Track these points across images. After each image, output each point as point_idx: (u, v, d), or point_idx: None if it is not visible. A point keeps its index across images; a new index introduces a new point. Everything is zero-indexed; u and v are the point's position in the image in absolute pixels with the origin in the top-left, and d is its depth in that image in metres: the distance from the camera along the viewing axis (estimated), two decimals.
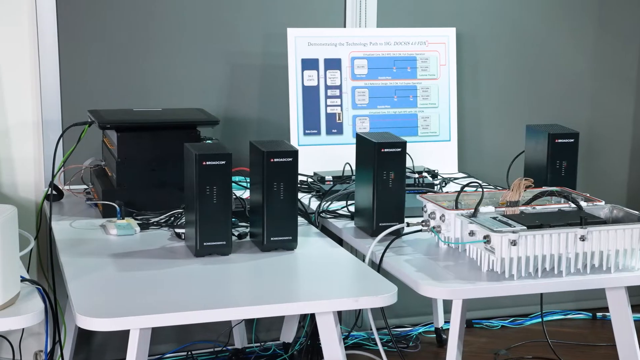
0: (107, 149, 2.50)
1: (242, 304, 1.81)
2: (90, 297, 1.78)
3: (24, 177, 2.73)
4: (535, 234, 1.91)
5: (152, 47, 2.80)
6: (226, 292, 1.89)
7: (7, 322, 1.66)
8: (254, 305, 1.80)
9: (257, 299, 1.84)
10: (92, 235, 2.21)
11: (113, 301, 1.78)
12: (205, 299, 1.81)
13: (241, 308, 1.80)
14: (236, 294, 1.91)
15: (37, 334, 2.76)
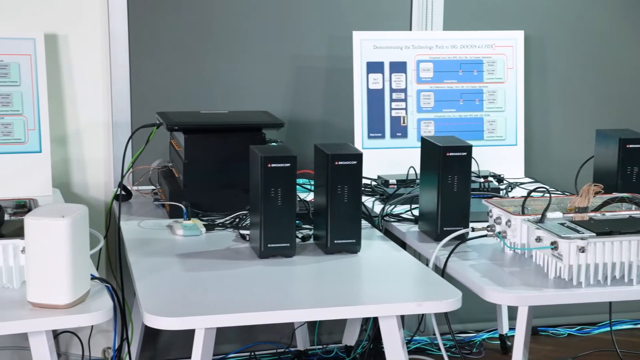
0: (175, 151, 2.54)
1: (305, 306, 1.82)
2: (157, 296, 1.81)
3: (95, 178, 2.80)
4: (604, 241, 1.87)
5: (220, 49, 2.83)
6: (289, 294, 1.90)
7: (77, 319, 1.70)
8: (317, 308, 1.81)
9: (320, 301, 1.85)
10: (159, 235, 2.25)
11: (179, 301, 1.80)
12: (269, 300, 1.82)
13: (304, 310, 1.81)
14: (299, 296, 1.91)
15: (105, 331, 2.82)
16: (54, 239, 1.67)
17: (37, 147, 2.54)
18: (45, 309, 1.69)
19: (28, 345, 1.75)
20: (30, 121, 2.53)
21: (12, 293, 1.79)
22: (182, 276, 1.95)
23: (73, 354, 2.81)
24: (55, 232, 1.67)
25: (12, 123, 2.52)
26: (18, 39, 2.51)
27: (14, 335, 2.60)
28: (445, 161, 2.13)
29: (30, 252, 1.69)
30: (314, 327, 2.96)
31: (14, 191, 2.46)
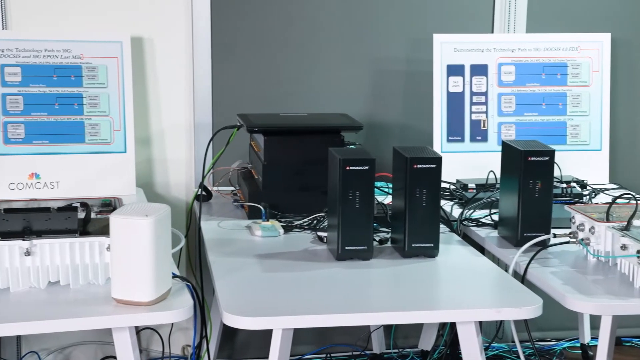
0: (254, 152, 2.57)
1: (382, 310, 1.81)
2: (236, 296, 1.84)
3: (176, 178, 2.85)
4: None
5: (300, 52, 2.85)
6: (366, 296, 1.90)
7: (159, 317, 1.74)
8: (394, 312, 1.80)
9: (397, 305, 1.84)
10: (238, 236, 2.27)
11: (257, 301, 1.82)
12: (346, 302, 1.83)
13: (381, 313, 1.81)
14: (376, 299, 1.91)
15: (185, 328, 2.87)
16: (137, 237, 1.71)
17: (122, 148, 2.61)
18: (128, 306, 1.73)
19: (111, 340, 1.80)
20: (116, 122, 2.60)
21: (97, 289, 1.84)
22: (261, 276, 1.97)
23: (154, 350, 2.87)
24: (139, 230, 1.71)
25: (99, 124, 2.59)
26: (106, 42, 2.59)
27: (98, 330, 2.67)
28: (527, 166, 2.09)
29: (115, 250, 1.74)
30: (390, 330, 2.95)
31: (100, 190, 2.53)
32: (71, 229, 1.84)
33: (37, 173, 2.52)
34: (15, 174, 2.50)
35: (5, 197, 2.32)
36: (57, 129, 2.55)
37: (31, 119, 2.53)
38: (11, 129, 2.52)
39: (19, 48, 2.51)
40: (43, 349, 2.81)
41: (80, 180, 2.55)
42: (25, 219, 1.82)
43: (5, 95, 2.51)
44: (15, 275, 1.81)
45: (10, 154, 2.51)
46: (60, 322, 1.72)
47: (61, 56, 2.55)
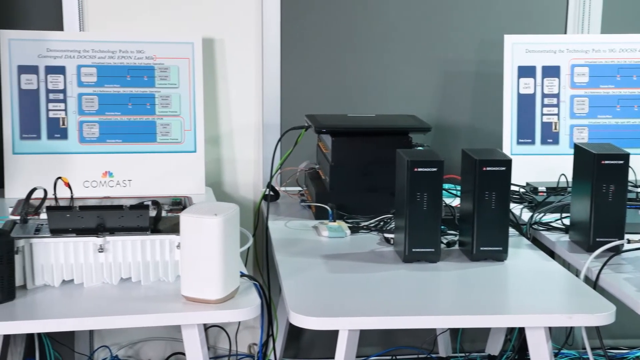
0: (322, 153, 2.58)
1: (449, 313, 1.80)
2: (302, 296, 1.85)
3: (244, 178, 2.88)
4: None
5: (368, 53, 2.85)
6: (433, 299, 1.89)
7: (227, 315, 1.76)
8: (461, 315, 1.79)
9: (464, 308, 1.82)
10: (304, 236, 2.28)
11: (324, 301, 1.83)
12: (412, 305, 1.82)
13: (447, 317, 1.79)
14: (443, 302, 1.90)
15: (251, 327, 2.90)
16: (207, 235, 1.74)
17: (192, 147, 2.65)
18: (197, 303, 1.76)
19: (180, 337, 1.83)
20: (186, 122, 2.65)
21: (167, 286, 1.87)
22: (327, 277, 1.97)
23: (221, 348, 2.91)
24: (208, 229, 1.73)
25: (170, 123, 2.64)
26: (178, 43, 2.63)
27: (167, 327, 2.72)
28: (600, 169, 2.05)
29: (185, 248, 1.77)
30: (457, 334, 2.92)
31: (170, 189, 2.58)
32: (143, 227, 1.88)
33: (110, 171, 2.58)
34: (89, 172, 2.57)
35: (79, 195, 2.38)
36: (130, 129, 2.61)
37: (105, 119, 2.59)
38: (86, 128, 2.58)
39: (94, 49, 2.57)
40: (114, 344, 2.88)
41: (152, 179, 2.60)
42: (99, 217, 1.86)
43: (81, 95, 2.58)
44: (89, 271, 1.86)
45: (85, 152, 2.58)
46: (131, 317, 1.75)
47: (135, 57, 2.60)
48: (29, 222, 1.97)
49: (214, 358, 2.90)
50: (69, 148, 2.57)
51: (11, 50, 2.51)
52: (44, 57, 2.54)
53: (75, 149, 2.57)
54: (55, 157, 2.55)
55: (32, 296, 1.80)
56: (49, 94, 2.55)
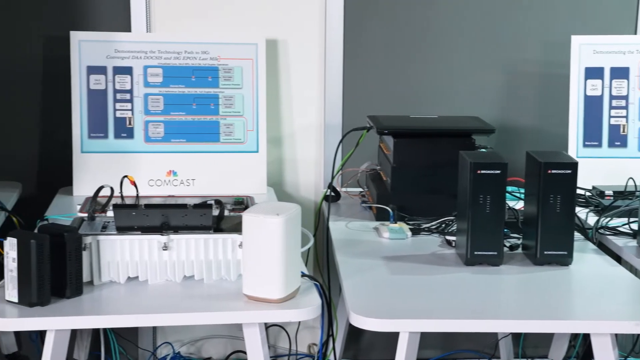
0: (383, 154, 2.57)
1: (511, 317, 1.77)
2: (363, 297, 1.84)
3: (306, 178, 2.89)
4: None
5: (432, 54, 2.83)
6: (495, 303, 1.87)
7: (288, 314, 1.77)
8: (524, 320, 1.76)
9: (527, 313, 1.79)
10: (365, 237, 2.28)
11: (384, 302, 1.82)
12: (474, 308, 1.80)
13: (510, 321, 1.77)
14: (505, 306, 1.87)
15: (311, 327, 2.91)
16: (269, 235, 1.75)
17: (255, 147, 2.68)
18: (259, 302, 1.78)
19: (241, 335, 1.85)
20: (249, 122, 2.67)
21: (229, 285, 1.89)
22: (388, 278, 1.97)
23: (280, 347, 2.93)
24: (270, 229, 1.75)
25: (233, 124, 2.66)
26: (242, 44, 2.66)
27: (229, 325, 2.75)
28: None
29: (247, 247, 1.78)
30: (519, 339, 2.88)
31: (233, 188, 2.60)
32: (206, 226, 1.90)
33: (174, 170, 2.62)
34: (154, 171, 2.61)
35: (144, 193, 2.42)
36: (194, 128, 2.64)
37: (170, 118, 2.64)
38: (152, 128, 2.63)
39: (161, 50, 2.62)
40: (177, 340, 2.92)
41: (215, 178, 2.63)
42: (164, 215, 1.89)
43: (147, 95, 2.62)
44: (154, 268, 1.89)
45: (151, 151, 2.62)
46: (193, 315, 1.78)
47: (199, 58, 2.64)
48: (96, 219, 2.01)
49: (274, 357, 2.92)
50: (134, 147, 2.61)
51: (81, 51, 2.57)
52: (112, 57, 2.60)
53: (141, 148, 2.62)
54: (121, 156, 2.60)
55: (99, 292, 1.84)
56: (117, 94, 2.61)
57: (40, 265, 1.72)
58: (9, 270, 1.74)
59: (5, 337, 2.70)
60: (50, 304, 1.75)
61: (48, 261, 1.74)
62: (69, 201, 2.50)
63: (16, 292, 1.73)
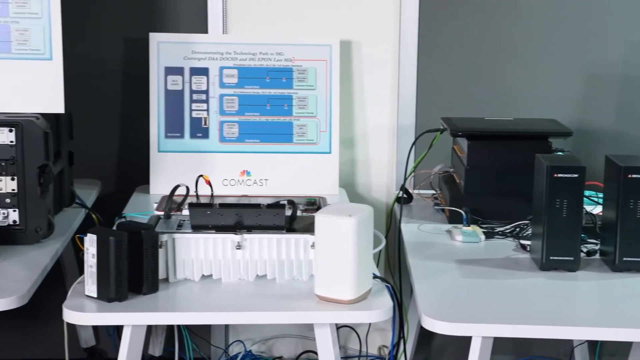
0: (457, 156, 2.55)
1: (587, 324, 1.73)
2: (435, 300, 1.83)
3: (378, 179, 2.89)
4: None
5: (507, 55, 2.79)
6: (571, 309, 1.83)
7: (359, 315, 1.78)
8: (601, 327, 1.72)
9: (605, 320, 1.75)
10: (438, 240, 2.26)
11: (457, 306, 1.81)
12: (548, 314, 1.77)
13: (586, 328, 1.73)
14: (581, 312, 1.83)
15: (381, 329, 2.90)
16: (341, 236, 1.75)
17: (327, 148, 2.68)
18: (330, 303, 1.78)
19: (312, 335, 1.86)
20: (322, 123, 2.68)
21: (301, 285, 1.90)
22: (460, 282, 1.95)
23: (351, 348, 2.93)
24: (343, 229, 1.75)
25: (306, 124, 2.68)
26: (316, 45, 2.67)
27: (299, 325, 2.77)
28: None
29: (319, 248, 1.79)
30: (595, 346, 2.81)
31: (305, 189, 2.62)
32: (279, 226, 1.92)
33: (248, 170, 2.65)
34: (228, 170, 2.65)
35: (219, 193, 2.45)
36: (268, 129, 2.67)
37: (245, 119, 2.67)
38: (226, 128, 2.67)
39: (236, 51, 2.65)
40: (248, 339, 2.95)
41: (287, 179, 2.65)
42: (238, 214, 1.92)
43: (223, 96, 2.66)
44: (227, 267, 1.91)
45: (225, 151, 2.66)
46: (265, 314, 1.80)
47: (274, 59, 2.66)
48: (172, 217, 2.05)
49: (344, 358, 2.92)
50: (209, 147, 2.66)
51: (159, 52, 2.63)
52: (189, 58, 2.64)
53: (216, 148, 2.66)
54: (196, 156, 2.65)
55: (174, 289, 1.87)
56: (193, 95, 2.65)
57: (118, 262, 1.76)
58: (89, 266, 1.79)
59: (84, 331, 2.77)
60: (127, 299, 1.79)
61: (126, 258, 1.78)
62: (146, 199, 2.56)
63: (95, 288, 1.78)
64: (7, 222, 2.13)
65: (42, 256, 2.04)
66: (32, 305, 1.88)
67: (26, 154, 2.11)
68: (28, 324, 2.89)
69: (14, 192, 2.12)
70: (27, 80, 2.23)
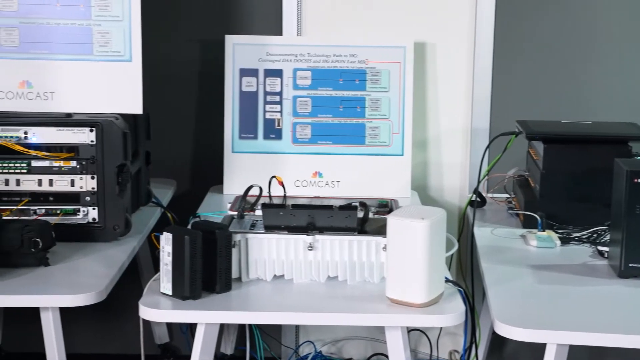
0: (532, 160, 2.51)
1: None
2: (508, 305, 1.81)
3: (450, 182, 2.86)
4: None
5: (585, 56, 2.73)
6: None
7: (430, 319, 1.76)
8: None
9: None
10: (511, 244, 2.23)
11: (531, 312, 1.78)
12: (627, 322, 1.72)
13: None
14: None
15: (452, 333, 2.87)
16: (414, 239, 1.74)
17: (400, 150, 2.67)
18: (401, 306, 1.77)
19: (382, 338, 1.86)
20: (395, 125, 2.67)
21: (372, 287, 1.90)
22: (535, 288, 1.92)
23: (421, 352, 2.91)
24: (415, 232, 1.74)
25: (379, 126, 2.67)
26: (390, 47, 2.66)
27: (370, 327, 2.76)
28: None
29: (391, 250, 1.78)
30: None
31: (376, 191, 2.61)
32: (351, 227, 1.92)
33: (320, 172, 2.66)
34: (300, 172, 2.66)
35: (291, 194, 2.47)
36: (340, 131, 2.67)
37: (317, 121, 2.68)
38: (299, 130, 2.68)
39: (310, 53, 2.66)
40: (318, 340, 2.96)
41: (359, 181, 2.65)
42: (310, 215, 1.93)
43: (296, 98, 2.68)
44: (299, 267, 1.92)
45: (298, 153, 2.68)
46: (336, 315, 1.80)
47: (347, 61, 2.66)
48: (245, 217, 2.08)
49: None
50: (282, 148, 2.68)
51: (235, 54, 2.66)
52: (263, 60, 2.67)
53: (288, 149, 2.68)
54: (269, 157, 2.67)
55: (246, 288, 1.89)
56: (267, 96, 2.68)
57: (193, 260, 1.79)
58: (164, 264, 1.83)
59: (158, 327, 2.83)
60: (201, 298, 1.81)
61: (200, 257, 1.81)
62: (220, 199, 2.59)
63: (170, 285, 1.81)
64: (86, 220, 2.19)
65: (120, 253, 2.10)
66: (109, 301, 1.93)
67: (106, 153, 2.16)
68: (104, 320, 2.96)
69: (94, 190, 2.18)
70: (107, 82, 2.29)
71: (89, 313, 2.29)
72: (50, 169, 2.18)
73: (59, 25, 2.27)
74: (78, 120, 2.18)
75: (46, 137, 2.18)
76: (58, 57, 2.28)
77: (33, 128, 2.17)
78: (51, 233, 2.00)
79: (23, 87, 2.28)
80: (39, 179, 2.18)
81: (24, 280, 1.91)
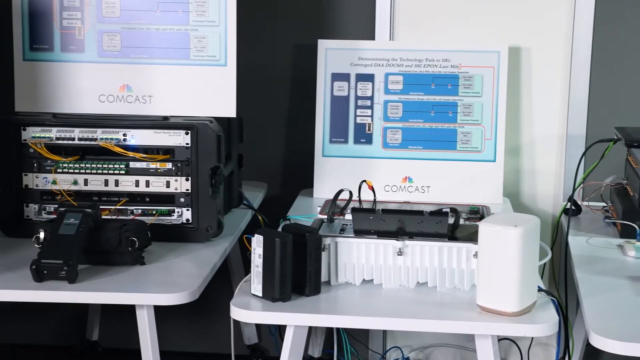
0: (631, 168, 2.43)
1: None
2: (604, 317, 1.75)
3: (544, 189, 2.80)
4: None
5: None
6: None
7: (522, 329, 1.73)
8: None
9: None
10: (608, 254, 2.17)
11: (629, 325, 1.72)
12: None
13: None
14: None
15: (544, 344, 2.81)
16: (506, 247, 1.72)
17: (492, 157, 2.63)
18: (492, 314, 1.74)
19: (471, 346, 1.83)
20: (487, 131, 2.63)
21: (462, 294, 1.88)
22: (632, 300, 1.85)
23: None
24: (508, 240, 1.71)
25: (471, 132, 2.64)
26: (484, 51, 2.63)
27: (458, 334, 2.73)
28: None
29: (482, 258, 1.76)
30: None
31: (467, 197, 2.58)
32: (441, 233, 1.90)
33: (410, 177, 2.65)
34: (390, 176, 2.66)
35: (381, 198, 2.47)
36: (431, 136, 2.65)
37: (408, 125, 2.67)
38: (390, 134, 2.68)
39: (402, 58, 2.66)
40: (406, 346, 2.95)
41: (450, 186, 2.63)
42: (400, 220, 1.92)
43: (387, 102, 2.68)
44: (388, 272, 1.92)
45: (388, 157, 2.67)
46: (425, 322, 1.79)
47: (440, 66, 2.64)
48: (335, 221, 2.09)
49: None
50: (372, 153, 2.68)
51: (327, 58, 2.68)
52: (355, 65, 2.67)
53: (379, 154, 2.67)
54: (359, 161, 2.67)
55: (335, 292, 1.90)
56: (358, 101, 2.68)
57: (283, 263, 1.81)
58: (255, 266, 1.85)
59: (248, 328, 2.87)
60: (291, 300, 1.83)
61: (290, 259, 1.82)
62: (310, 202, 2.61)
63: (260, 287, 1.84)
64: (180, 221, 2.24)
65: (212, 254, 2.14)
66: (200, 300, 1.97)
67: (200, 155, 2.21)
68: (195, 319, 3.02)
69: (188, 192, 2.23)
70: (203, 86, 2.34)
71: (181, 312, 2.34)
72: (147, 170, 2.24)
73: (159, 30, 2.34)
74: (174, 123, 2.24)
75: (144, 140, 2.24)
76: (157, 61, 2.34)
77: (132, 130, 2.24)
78: (147, 233, 2.06)
79: (123, 90, 2.35)
80: (137, 179, 2.24)
81: (120, 278, 1.97)
